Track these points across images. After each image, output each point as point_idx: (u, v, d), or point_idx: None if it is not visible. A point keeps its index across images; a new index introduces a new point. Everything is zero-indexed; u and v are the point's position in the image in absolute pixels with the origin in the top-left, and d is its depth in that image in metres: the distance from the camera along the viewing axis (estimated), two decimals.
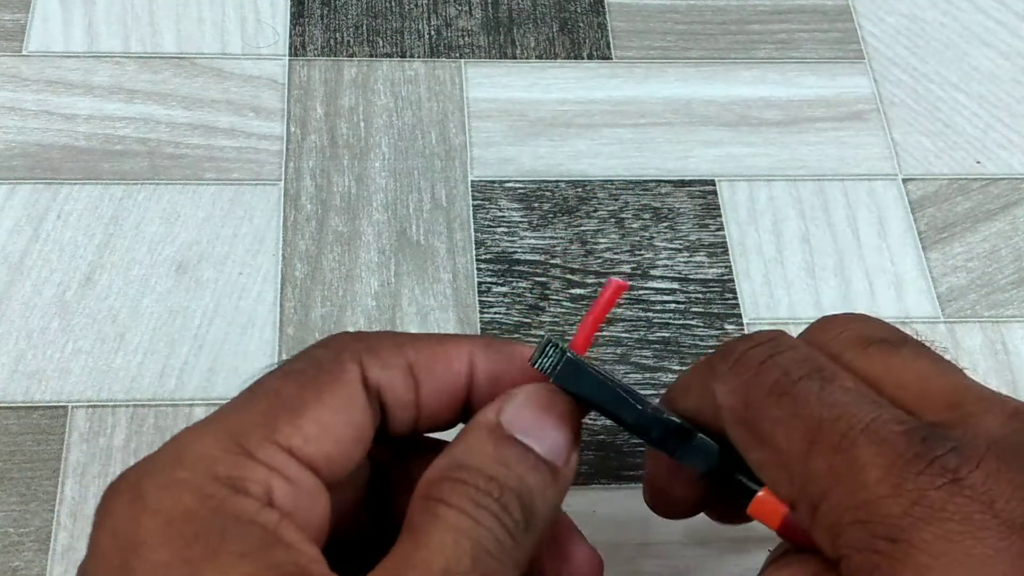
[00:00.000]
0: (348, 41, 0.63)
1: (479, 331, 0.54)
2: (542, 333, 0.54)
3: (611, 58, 0.64)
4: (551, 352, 0.30)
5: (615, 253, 0.57)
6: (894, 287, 0.57)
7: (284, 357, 0.53)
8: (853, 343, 0.29)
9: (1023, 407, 0.26)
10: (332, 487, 0.27)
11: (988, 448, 0.24)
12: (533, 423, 0.27)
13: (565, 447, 0.28)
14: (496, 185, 0.59)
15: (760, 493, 0.28)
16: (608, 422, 0.32)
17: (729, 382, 0.28)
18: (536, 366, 0.30)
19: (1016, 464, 0.24)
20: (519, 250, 0.57)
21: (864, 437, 0.24)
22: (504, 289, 0.55)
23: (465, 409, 0.31)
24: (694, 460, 0.31)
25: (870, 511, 0.23)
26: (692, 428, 0.30)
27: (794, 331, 0.58)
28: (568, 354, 0.30)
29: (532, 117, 0.62)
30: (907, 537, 0.23)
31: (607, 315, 0.32)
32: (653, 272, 0.57)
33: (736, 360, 0.29)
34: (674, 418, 0.31)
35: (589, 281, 0.56)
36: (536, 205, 0.58)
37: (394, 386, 0.28)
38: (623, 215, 0.58)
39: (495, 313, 0.55)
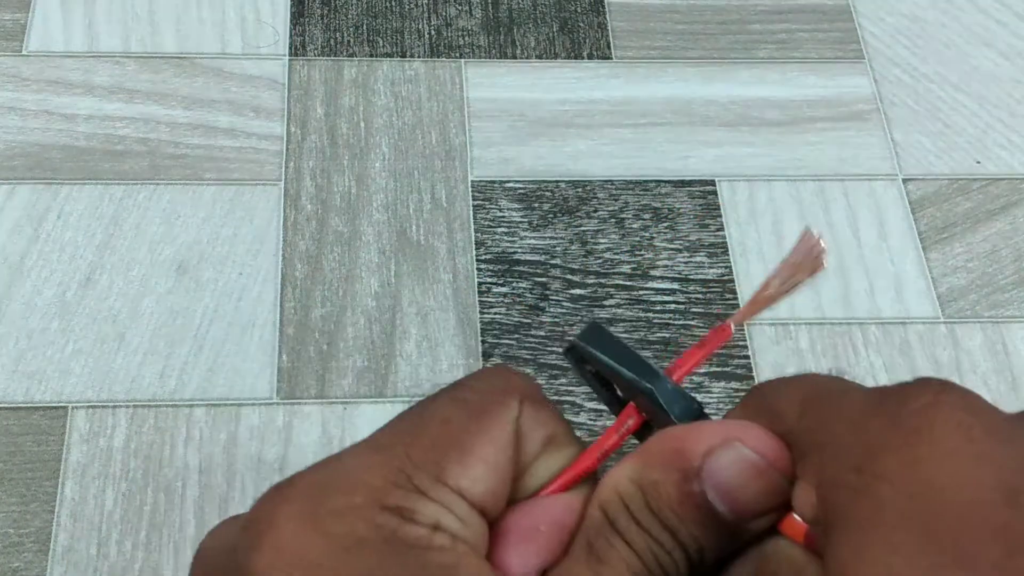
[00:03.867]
0: (348, 41, 0.63)
1: (479, 331, 0.54)
2: (542, 333, 0.54)
3: (611, 58, 0.64)
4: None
5: (615, 253, 0.57)
6: (894, 287, 0.57)
7: (284, 358, 0.53)
8: None
9: None
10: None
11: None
12: (729, 485, 0.25)
13: (754, 511, 0.26)
14: (496, 185, 0.59)
15: None
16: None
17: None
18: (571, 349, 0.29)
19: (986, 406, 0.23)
20: (519, 250, 0.57)
21: (857, 390, 0.24)
22: (504, 289, 0.55)
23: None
24: None
25: (859, 425, 0.23)
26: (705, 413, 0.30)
27: (794, 331, 0.59)
28: (595, 321, 0.29)
29: (532, 117, 0.62)
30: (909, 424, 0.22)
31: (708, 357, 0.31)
32: (653, 272, 0.57)
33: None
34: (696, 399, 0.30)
35: (589, 281, 0.56)
36: (536, 205, 0.58)
37: (526, 447, 0.28)
38: (623, 215, 0.58)
39: (495, 313, 0.55)
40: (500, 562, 0.26)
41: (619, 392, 0.30)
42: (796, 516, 0.25)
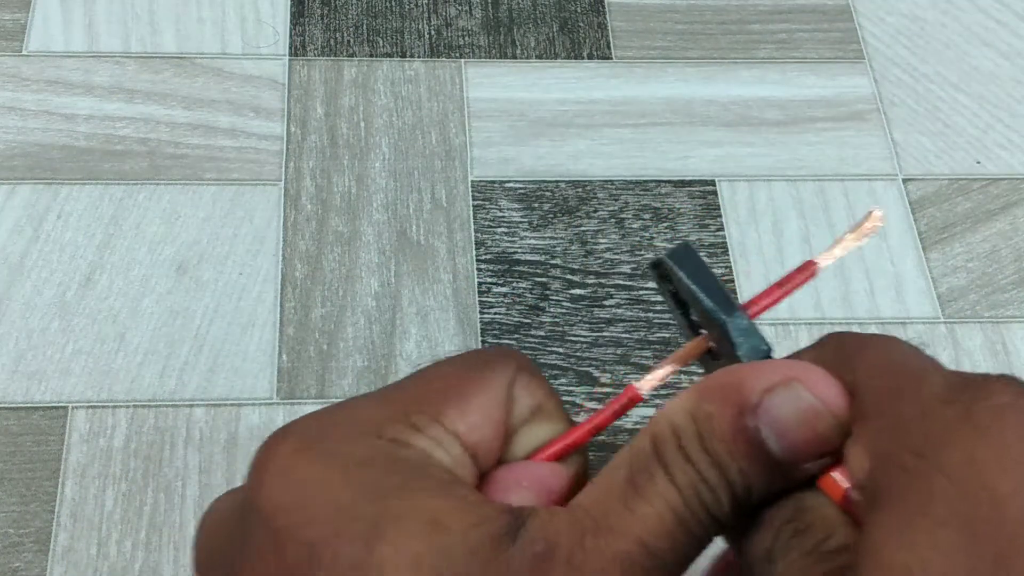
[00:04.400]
0: (348, 41, 0.63)
1: (479, 331, 0.54)
2: (542, 333, 0.54)
3: (611, 58, 0.64)
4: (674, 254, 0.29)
5: (615, 253, 0.57)
6: (894, 287, 0.57)
7: (284, 358, 0.53)
8: None
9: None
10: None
11: None
12: (783, 420, 0.24)
13: (806, 451, 0.25)
14: (496, 185, 0.59)
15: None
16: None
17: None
18: (660, 262, 0.29)
19: None
20: (519, 250, 0.57)
21: (937, 371, 0.23)
22: (504, 289, 0.55)
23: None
24: None
25: (930, 408, 0.22)
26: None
27: (793, 331, 0.59)
28: (687, 242, 0.29)
29: (532, 117, 0.62)
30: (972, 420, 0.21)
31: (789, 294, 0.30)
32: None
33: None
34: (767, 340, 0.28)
35: (589, 281, 0.56)
36: (536, 205, 0.58)
37: (516, 411, 0.28)
38: (623, 215, 0.58)
39: (495, 313, 0.55)
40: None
41: (694, 317, 0.29)
42: (838, 476, 0.25)
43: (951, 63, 0.66)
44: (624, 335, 0.55)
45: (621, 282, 0.56)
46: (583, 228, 0.58)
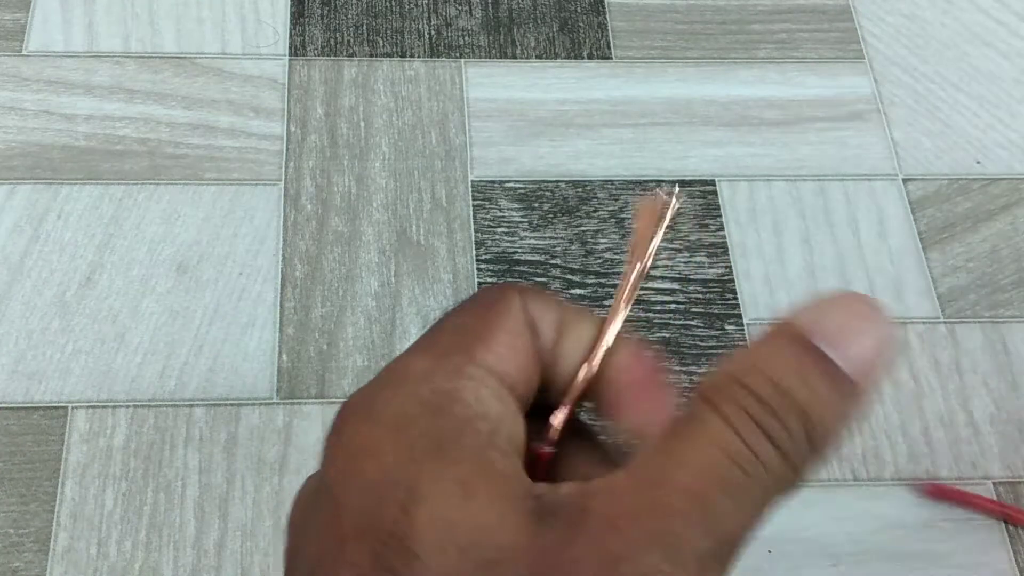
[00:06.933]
0: (348, 41, 0.63)
1: None
2: None
3: (611, 58, 0.64)
4: None
5: (615, 253, 0.57)
6: (894, 287, 0.57)
7: (284, 358, 0.53)
8: None
9: None
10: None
11: None
12: (839, 332, 0.25)
13: (871, 364, 0.25)
14: (496, 185, 0.59)
15: None
16: None
17: None
18: None
19: None
20: (519, 250, 0.57)
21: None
22: None
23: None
24: None
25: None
26: None
27: None
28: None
29: (532, 117, 0.62)
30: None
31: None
32: (653, 272, 0.57)
33: None
34: None
35: (589, 281, 0.56)
36: (536, 205, 0.58)
37: (543, 328, 0.30)
38: (623, 215, 0.58)
39: None
40: (634, 415, 0.29)
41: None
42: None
43: (951, 63, 0.66)
44: (624, 335, 0.55)
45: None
46: (583, 228, 0.58)
